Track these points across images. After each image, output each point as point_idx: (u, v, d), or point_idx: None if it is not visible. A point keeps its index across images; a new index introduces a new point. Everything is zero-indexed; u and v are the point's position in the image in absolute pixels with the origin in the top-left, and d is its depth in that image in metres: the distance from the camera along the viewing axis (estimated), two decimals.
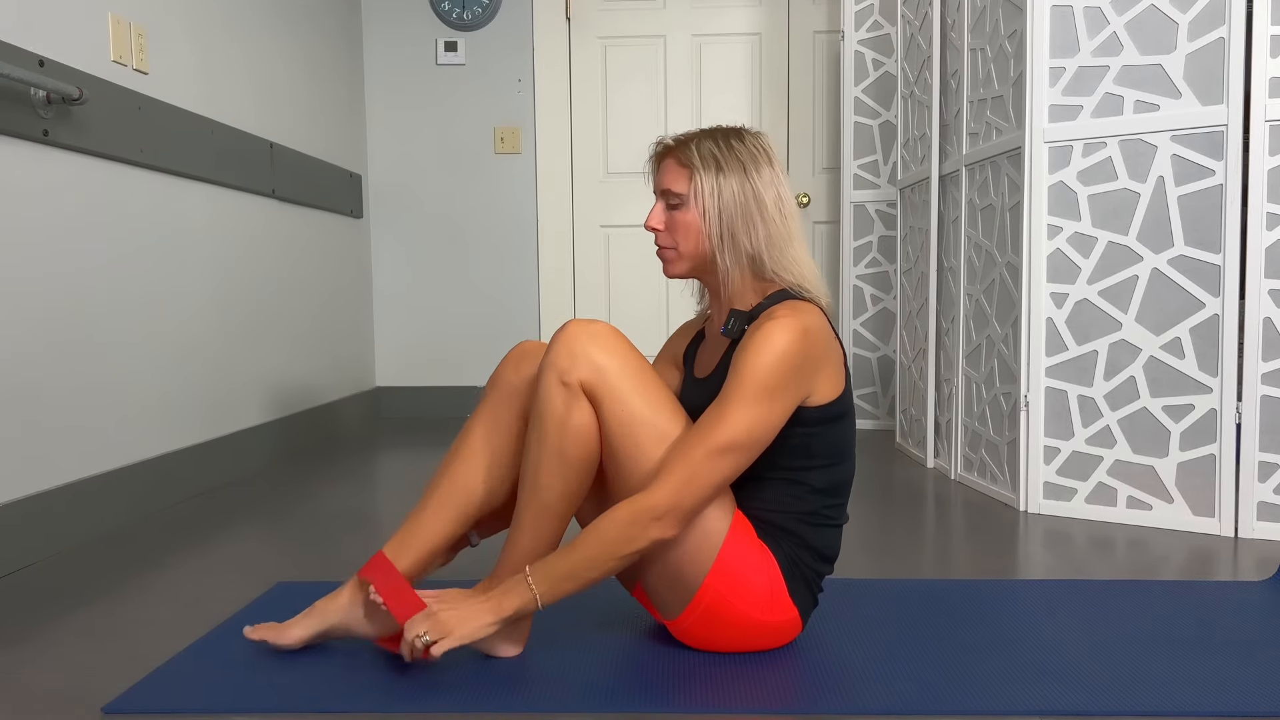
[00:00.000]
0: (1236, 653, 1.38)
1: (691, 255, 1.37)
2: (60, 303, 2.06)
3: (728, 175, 1.32)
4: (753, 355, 1.24)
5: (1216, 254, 2.06)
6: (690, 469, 1.22)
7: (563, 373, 1.27)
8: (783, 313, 1.27)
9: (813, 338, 1.26)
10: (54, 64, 2.03)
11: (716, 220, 1.33)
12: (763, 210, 1.33)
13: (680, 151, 1.36)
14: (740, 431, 1.23)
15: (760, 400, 1.23)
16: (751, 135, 1.36)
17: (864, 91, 3.65)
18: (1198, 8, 2.05)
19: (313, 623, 1.39)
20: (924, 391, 3.01)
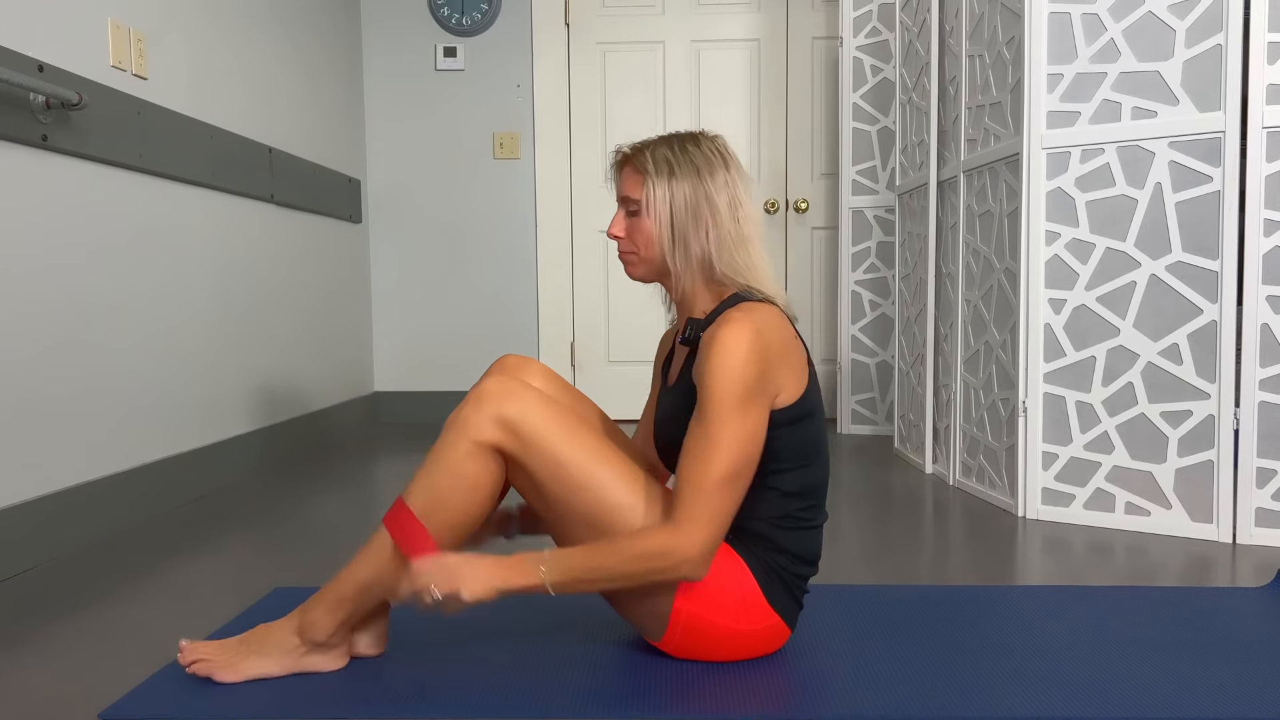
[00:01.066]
0: (1235, 659, 1.38)
1: (650, 260, 1.37)
2: (58, 307, 2.06)
3: (679, 180, 1.33)
4: (716, 369, 1.23)
5: (1214, 260, 2.07)
6: (710, 507, 1.22)
7: (474, 430, 1.27)
8: (734, 315, 1.26)
9: (767, 337, 1.25)
10: (53, 69, 2.03)
11: (668, 225, 1.33)
12: (715, 214, 1.33)
13: (636, 159, 1.36)
14: (736, 455, 1.23)
15: (739, 414, 1.23)
16: (708, 139, 1.37)
17: (862, 97, 3.66)
18: (1195, 14, 2.06)
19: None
20: (922, 397, 3.01)
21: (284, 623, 1.34)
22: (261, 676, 1.31)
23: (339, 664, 1.35)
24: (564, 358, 4.13)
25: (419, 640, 1.48)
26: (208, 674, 1.30)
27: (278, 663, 1.32)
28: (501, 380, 1.29)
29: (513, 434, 1.27)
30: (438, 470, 1.28)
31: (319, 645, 1.32)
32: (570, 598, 1.68)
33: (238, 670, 1.31)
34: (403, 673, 1.35)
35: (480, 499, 1.29)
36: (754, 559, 1.32)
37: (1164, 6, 2.10)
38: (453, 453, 1.27)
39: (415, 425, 4.04)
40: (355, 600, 1.31)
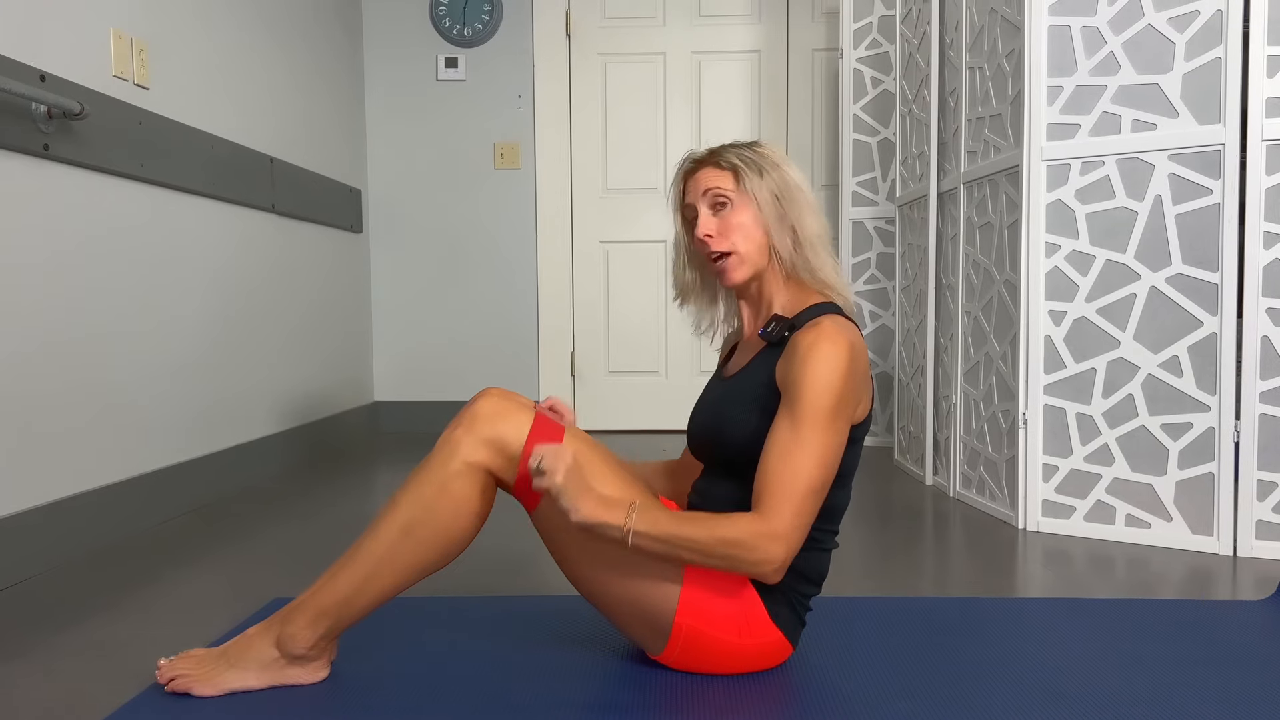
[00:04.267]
0: (1236, 671, 1.38)
1: (749, 255, 1.34)
2: (59, 317, 2.06)
3: (768, 171, 1.34)
4: (816, 376, 1.21)
5: (1214, 272, 2.07)
6: (797, 512, 1.20)
7: (466, 451, 1.26)
8: (829, 326, 1.24)
9: (861, 357, 1.26)
10: (55, 79, 2.03)
11: (773, 207, 1.33)
12: (805, 198, 1.35)
13: (716, 158, 1.37)
14: (825, 464, 1.22)
15: (831, 425, 1.22)
16: (767, 146, 1.38)
17: (863, 109, 3.67)
18: (1195, 28, 2.07)
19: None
20: (922, 408, 3.01)
21: (262, 633, 1.31)
22: (241, 690, 1.30)
23: (319, 675, 1.34)
24: (564, 368, 4.13)
25: (409, 651, 1.47)
26: (186, 689, 1.28)
27: (256, 676, 1.30)
28: (494, 401, 1.29)
29: (502, 455, 1.26)
30: (423, 486, 1.27)
31: (298, 658, 1.31)
32: (573, 607, 1.67)
33: (216, 684, 1.29)
34: (390, 686, 1.35)
35: (466, 517, 1.27)
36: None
37: (1164, 20, 2.10)
38: (442, 470, 1.26)
39: (415, 435, 4.04)
40: (336, 613, 1.29)
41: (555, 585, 1.87)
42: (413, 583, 1.30)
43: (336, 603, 1.28)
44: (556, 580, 1.90)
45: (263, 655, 1.30)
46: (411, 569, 1.28)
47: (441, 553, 1.29)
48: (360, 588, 1.28)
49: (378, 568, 1.27)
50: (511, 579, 1.92)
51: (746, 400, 1.32)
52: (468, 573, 1.96)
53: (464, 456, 1.26)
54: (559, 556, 1.32)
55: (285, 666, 1.31)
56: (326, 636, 1.31)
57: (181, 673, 1.29)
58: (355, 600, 1.28)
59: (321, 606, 1.28)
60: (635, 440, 3.87)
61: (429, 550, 1.27)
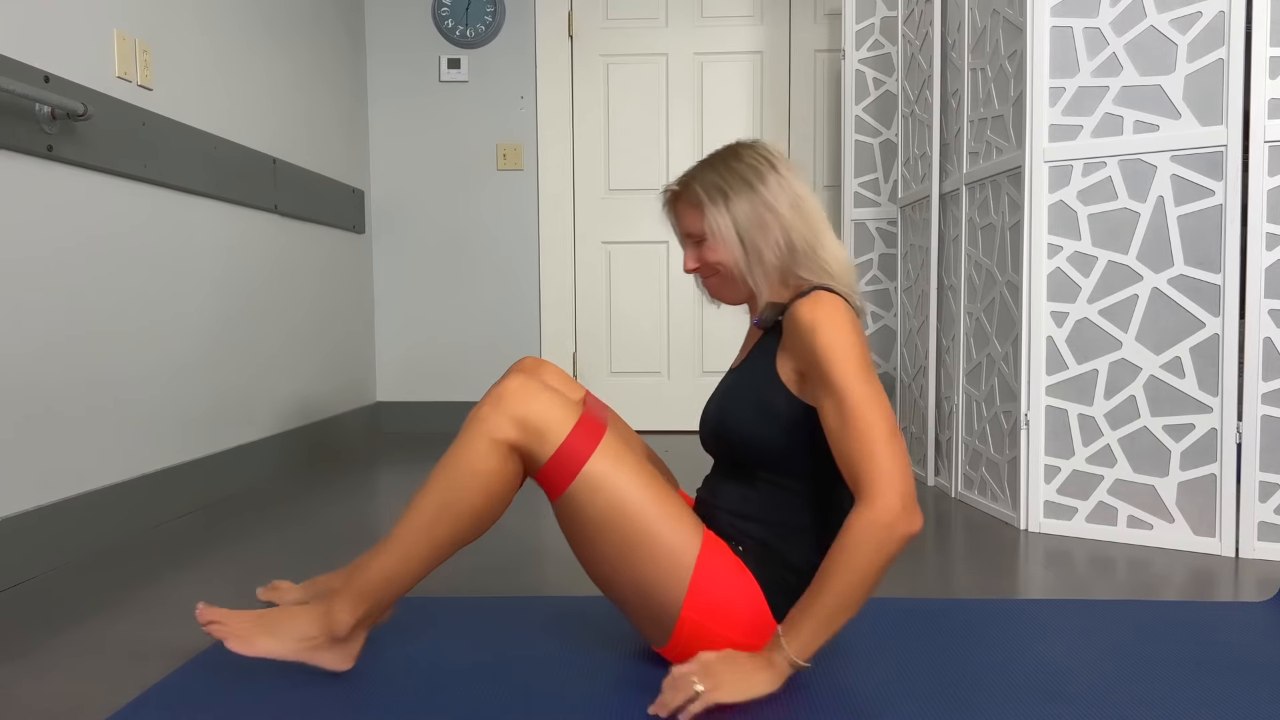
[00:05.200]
0: (1239, 675, 1.38)
1: (733, 281, 1.39)
2: (61, 316, 2.06)
3: (735, 199, 1.34)
4: (828, 342, 1.21)
5: (1216, 274, 2.07)
6: (887, 463, 1.18)
7: (493, 427, 1.28)
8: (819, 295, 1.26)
9: (852, 316, 1.26)
10: (59, 79, 2.04)
11: (738, 245, 1.35)
12: (779, 219, 1.34)
13: (686, 193, 1.38)
14: (884, 408, 1.20)
15: (867, 375, 1.21)
16: (748, 148, 1.38)
17: (865, 110, 3.67)
18: (1197, 29, 2.07)
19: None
20: (924, 409, 3.01)
21: (307, 611, 1.34)
22: (269, 656, 1.32)
23: (346, 665, 1.36)
24: (566, 369, 4.13)
25: (414, 652, 1.48)
26: (221, 637, 1.31)
27: (288, 648, 1.32)
28: (522, 379, 1.30)
29: (531, 433, 1.27)
30: (454, 465, 1.29)
31: (337, 640, 1.34)
32: (578, 605, 1.67)
33: (249, 644, 1.31)
34: (397, 687, 1.35)
35: (495, 496, 1.30)
36: (764, 574, 1.31)
37: (1166, 21, 2.10)
38: (470, 450, 1.28)
39: (417, 435, 4.04)
40: (376, 595, 1.32)
41: (580, 586, 1.87)
42: (447, 558, 1.33)
43: (377, 584, 1.31)
44: (576, 580, 1.91)
45: (302, 630, 1.33)
46: (445, 546, 1.31)
47: (474, 529, 1.32)
48: (399, 568, 1.31)
49: (414, 548, 1.30)
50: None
51: (745, 394, 1.33)
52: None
53: (490, 434, 1.28)
54: (575, 546, 1.33)
55: (318, 647, 1.34)
56: (365, 620, 1.34)
57: (219, 619, 1.32)
58: (394, 580, 1.32)
59: (361, 589, 1.32)
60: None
61: (462, 528, 1.30)
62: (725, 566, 1.29)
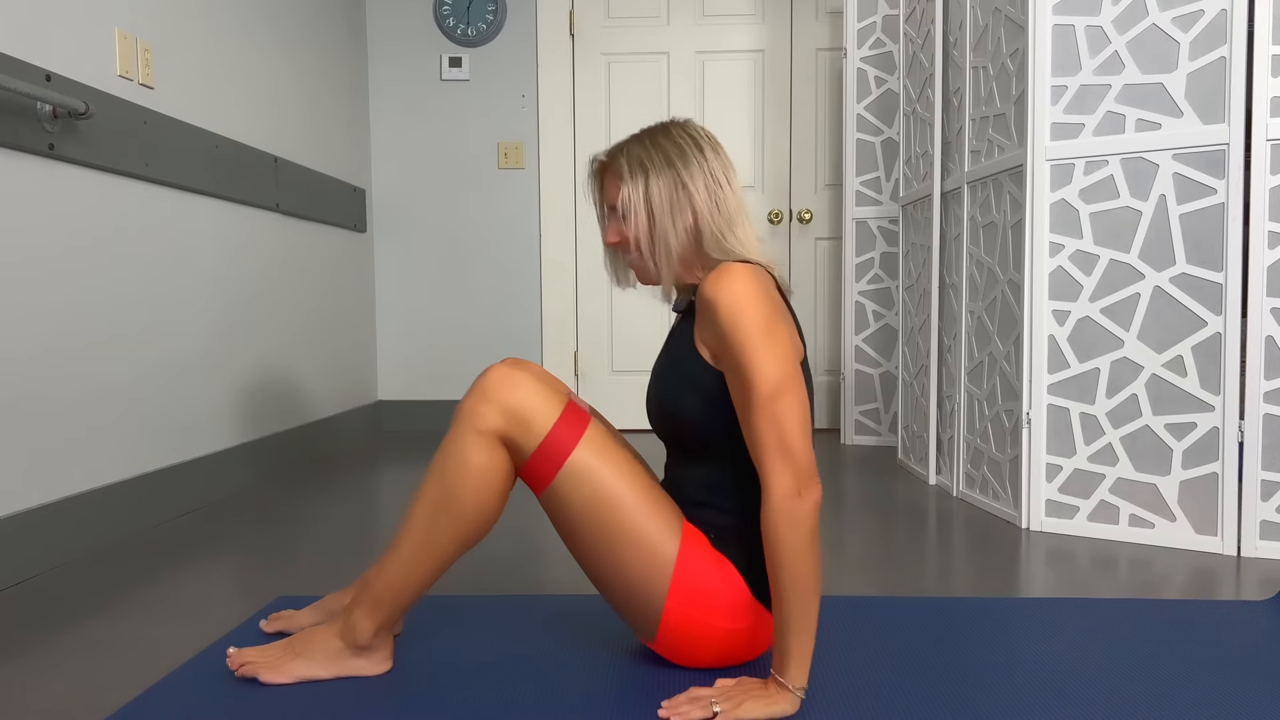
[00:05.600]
0: (1241, 674, 1.38)
1: (654, 263, 1.37)
2: (63, 314, 2.06)
3: (655, 175, 1.34)
4: (726, 308, 1.22)
5: (1218, 272, 2.06)
6: (774, 432, 1.19)
7: (479, 419, 1.28)
8: (722, 268, 1.26)
9: (758, 277, 1.26)
10: (60, 78, 2.04)
11: (645, 223, 1.34)
12: (693, 200, 1.33)
13: (612, 164, 1.38)
14: (774, 370, 1.20)
15: (768, 335, 1.21)
16: (678, 126, 1.37)
17: (866, 109, 3.66)
18: (1199, 27, 2.06)
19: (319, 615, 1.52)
20: (926, 408, 3.01)
21: (327, 626, 1.37)
22: (305, 678, 1.34)
23: (383, 668, 1.37)
24: (567, 367, 4.13)
25: (419, 650, 1.48)
26: (253, 675, 1.33)
27: (323, 665, 1.35)
28: (504, 369, 1.31)
29: (516, 422, 1.28)
30: (445, 461, 1.30)
31: (362, 649, 1.35)
32: (572, 603, 1.67)
33: (282, 671, 1.33)
34: (399, 685, 1.35)
35: (489, 488, 1.30)
36: (738, 554, 1.31)
37: (1168, 19, 2.10)
38: (458, 444, 1.29)
39: (419, 434, 4.04)
40: (390, 600, 1.33)
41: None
42: (454, 558, 1.33)
43: (389, 590, 1.32)
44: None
45: (328, 646, 1.35)
46: (449, 546, 1.31)
47: (473, 524, 1.31)
48: (407, 572, 1.32)
49: (418, 551, 1.31)
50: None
51: (671, 375, 1.34)
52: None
53: (476, 425, 1.28)
54: (566, 538, 1.33)
55: (350, 658, 1.35)
56: (385, 625, 1.35)
57: (250, 660, 1.34)
58: (405, 585, 1.32)
59: (376, 596, 1.33)
60: (638, 439, 3.87)
61: (460, 526, 1.31)
62: (704, 556, 1.29)
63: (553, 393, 1.30)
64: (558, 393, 1.32)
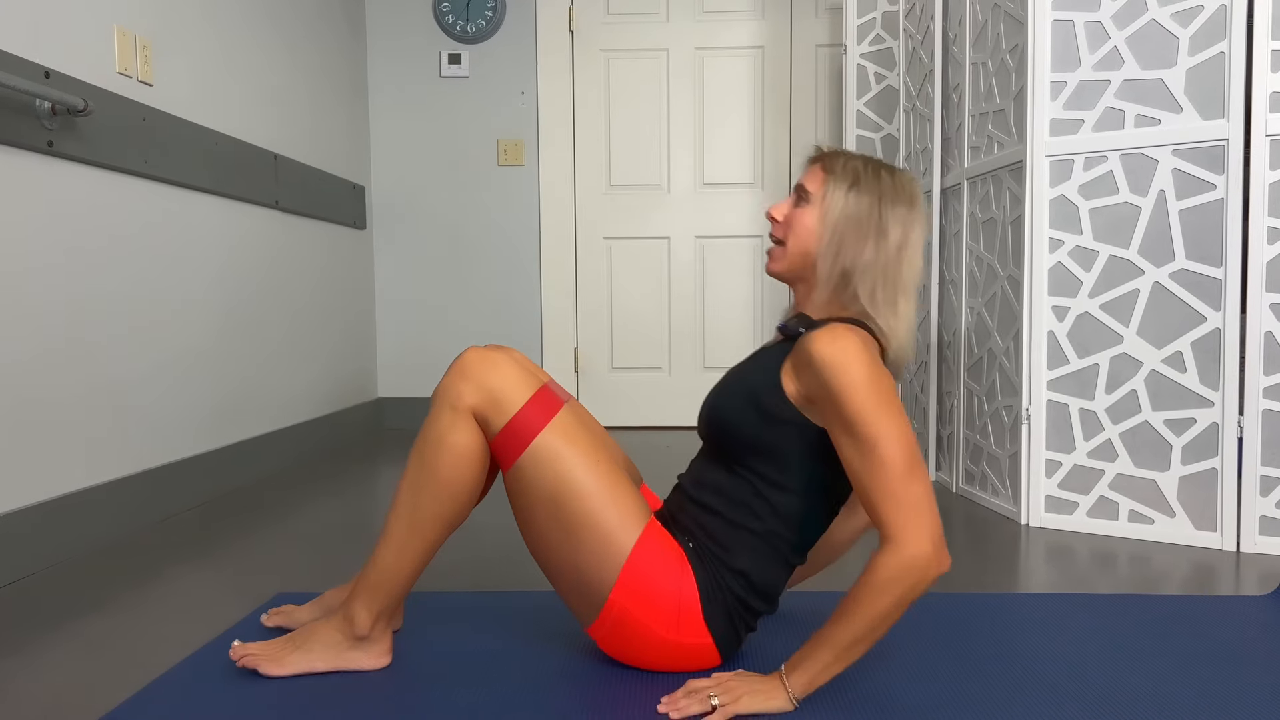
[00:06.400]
0: (1240, 669, 1.38)
1: (796, 254, 1.36)
2: (62, 312, 2.06)
3: (860, 192, 1.32)
4: (842, 370, 1.19)
5: (1218, 268, 2.06)
6: (911, 502, 1.16)
7: (455, 397, 1.31)
8: (836, 327, 1.24)
9: (870, 347, 1.24)
10: (59, 75, 2.04)
11: (833, 227, 1.32)
12: (880, 240, 1.31)
13: (828, 159, 1.37)
14: (905, 441, 1.18)
15: (886, 405, 1.19)
16: (903, 175, 1.35)
17: (866, 105, 3.66)
18: (1198, 22, 2.06)
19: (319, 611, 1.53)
20: (925, 404, 3.01)
21: (327, 620, 1.38)
22: (306, 671, 1.35)
23: (382, 661, 1.38)
24: (567, 364, 4.13)
25: (416, 646, 1.48)
26: (253, 666, 1.34)
27: (321, 658, 1.36)
28: (481, 351, 1.34)
29: (489, 400, 1.30)
30: (424, 440, 1.33)
31: (361, 640, 1.36)
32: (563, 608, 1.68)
33: (282, 664, 1.35)
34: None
35: (465, 464, 1.32)
36: (704, 572, 1.30)
37: (1167, 15, 2.10)
38: (436, 422, 1.32)
39: (419, 431, 4.04)
40: (385, 587, 1.34)
41: None
42: (441, 537, 1.35)
43: (382, 576, 1.34)
44: None
45: (327, 639, 1.37)
46: (433, 525, 1.33)
47: (455, 503, 1.33)
48: (396, 556, 1.34)
49: (405, 534, 1.34)
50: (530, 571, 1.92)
51: (741, 386, 1.33)
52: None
53: (452, 403, 1.31)
54: (519, 517, 1.34)
55: (348, 650, 1.37)
56: (383, 614, 1.37)
57: (251, 652, 1.36)
58: (397, 570, 1.34)
59: (370, 584, 1.35)
60: (639, 436, 3.87)
61: (441, 504, 1.33)
62: (663, 558, 1.29)
63: (528, 375, 1.33)
64: (534, 377, 1.34)
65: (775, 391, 1.28)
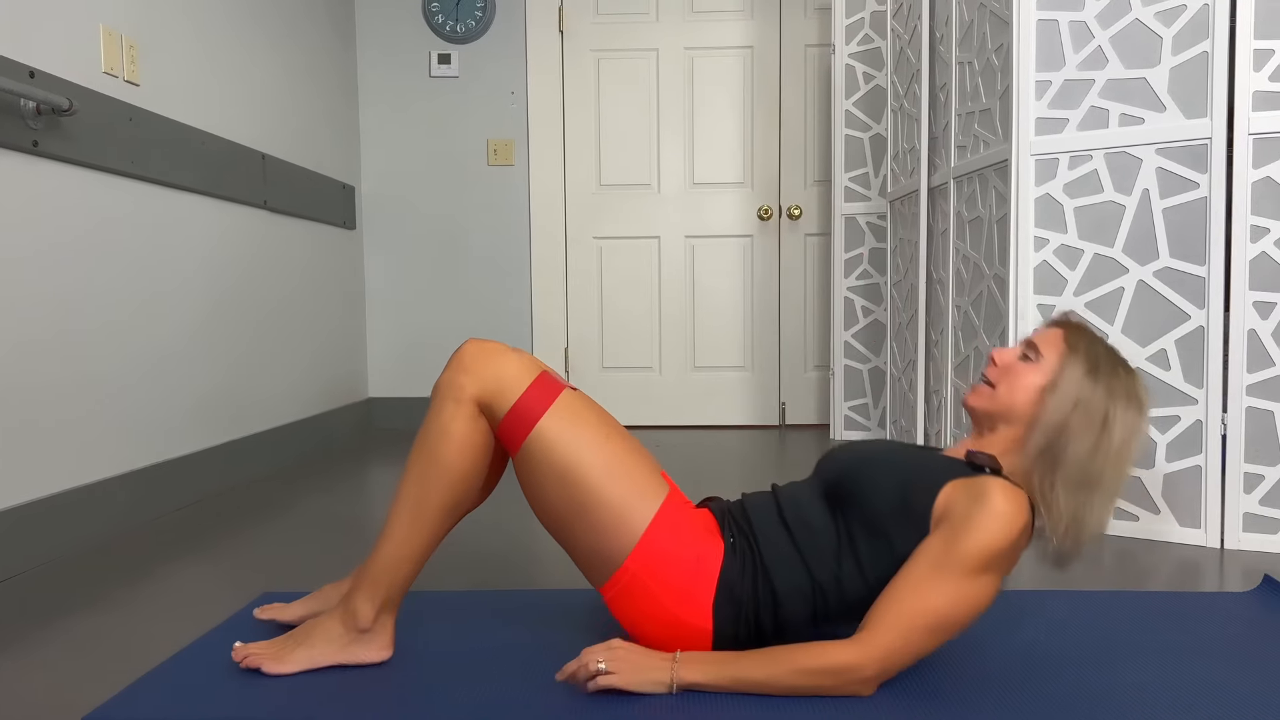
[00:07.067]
0: (1224, 664, 1.39)
1: (1003, 405, 1.32)
2: (48, 312, 2.06)
3: (1095, 384, 1.28)
4: (979, 524, 1.19)
5: (1201, 266, 2.08)
6: (903, 639, 1.19)
7: (456, 389, 1.32)
8: (1017, 494, 1.22)
9: (1027, 536, 1.22)
10: (44, 75, 2.03)
11: (1057, 406, 1.27)
12: (1102, 438, 1.26)
13: (1072, 331, 1.34)
14: (951, 608, 1.19)
15: (974, 574, 1.19)
16: (1136, 375, 1.32)
17: (855, 104, 3.67)
18: (1182, 22, 2.07)
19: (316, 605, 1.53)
20: (914, 403, 3.02)
21: (328, 615, 1.38)
22: (309, 667, 1.35)
23: (383, 655, 1.39)
24: (558, 364, 4.14)
25: (412, 643, 1.48)
26: (256, 665, 1.34)
27: (323, 653, 1.36)
28: (478, 343, 1.36)
29: (491, 388, 1.32)
30: (428, 433, 1.34)
31: (364, 633, 1.37)
32: (569, 597, 1.68)
33: (284, 661, 1.35)
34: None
35: (471, 452, 1.33)
36: (737, 567, 1.31)
37: (1151, 14, 2.11)
38: (439, 415, 1.34)
39: (409, 431, 4.04)
40: (388, 579, 1.35)
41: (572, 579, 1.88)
42: (444, 528, 1.36)
43: (385, 568, 1.35)
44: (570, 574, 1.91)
45: (329, 633, 1.37)
46: (438, 515, 1.34)
47: (461, 493, 1.35)
48: (400, 547, 1.35)
49: (409, 525, 1.34)
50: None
51: (899, 466, 1.30)
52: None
53: (454, 395, 1.33)
54: (530, 497, 1.35)
55: (350, 644, 1.37)
56: (385, 607, 1.37)
57: (253, 652, 1.36)
58: (400, 560, 1.35)
59: (374, 576, 1.35)
60: (639, 434, 3.87)
61: (448, 493, 1.34)
62: (684, 533, 1.31)
63: (528, 362, 1.35)
64: (533, 363, 1.36)
65: (928, 494, 1.26)
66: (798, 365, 4.13)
